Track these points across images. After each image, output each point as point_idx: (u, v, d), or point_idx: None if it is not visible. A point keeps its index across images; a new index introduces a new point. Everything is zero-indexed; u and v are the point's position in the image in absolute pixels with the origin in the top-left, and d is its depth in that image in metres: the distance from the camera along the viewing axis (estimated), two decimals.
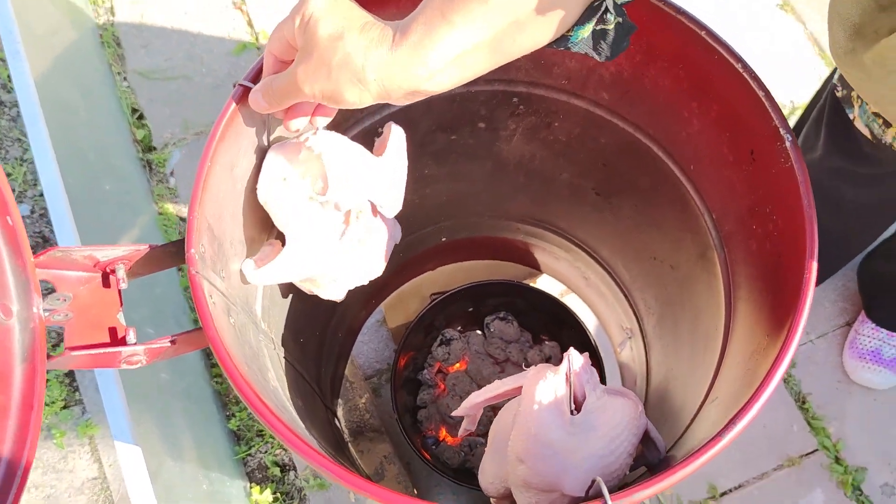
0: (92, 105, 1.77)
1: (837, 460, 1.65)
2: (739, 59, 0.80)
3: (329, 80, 0.64)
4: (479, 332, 1.64)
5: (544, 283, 1.66)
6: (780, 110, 0.78)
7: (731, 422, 0.64)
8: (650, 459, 0.84)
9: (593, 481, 0.72)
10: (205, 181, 0.72)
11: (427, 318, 1.57)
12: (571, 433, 0.75)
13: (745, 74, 0.80)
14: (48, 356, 0.67)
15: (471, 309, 1.64)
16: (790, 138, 0.77)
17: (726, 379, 0.84)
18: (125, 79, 1.99)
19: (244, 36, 2.05)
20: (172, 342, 0.72)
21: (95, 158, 1.62)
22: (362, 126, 1.00)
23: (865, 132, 1.10)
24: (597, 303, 1.54)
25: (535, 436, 0.75)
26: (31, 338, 0.66)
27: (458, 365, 1.62)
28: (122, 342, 0.72)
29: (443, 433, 1.58)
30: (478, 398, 0.88)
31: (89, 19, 2.04)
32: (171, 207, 1.87)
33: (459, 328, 1.65)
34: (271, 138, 0.83)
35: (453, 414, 0.93)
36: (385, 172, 0.84)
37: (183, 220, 1.87)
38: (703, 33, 0.82)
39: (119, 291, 0.75)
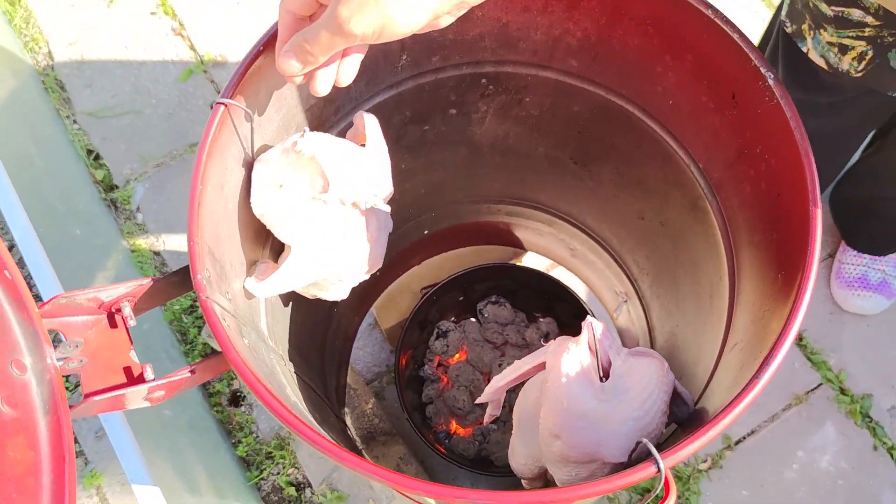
0: (47, 152, 1.74)
1: (842, 391, 1.67)
2: (709, 6, 0.80)
3: (378, 7, 0.60)
4: (473, 319, 1.64)
5: (530, 261, 1.66)
6: (757, 50, 0.78)
7: (766, 361, 0.65)
8: (679, 416, 0.84)
9: (637, 444, 0.72)
10: (199, 204, 0.71)
11: (420, 313, 1.56)
12: (604, 400, 0.75)
13: (717, 20, 0.80)
14: (70, 406, 0.65)
15: (461, 298, 1.63)
16: (772, 76, 0.77)
17: (742, 324, 0.84)
18: (75, 121, 1.95)
19: (189, 61, 2.02)
20: (192, 371, 0.70)
21: (60, 204, 1.58)
22: (339, 127, 0.99)
23: (821, 62, 1.11)
24: (586, 272, 1.55)
25: (568, 409, 0.75)
26: (50, 389, 0.64)
27: (457, 356, 1.61)
28: (140, 380, 0.70)
29: (453, 426, 1.57)
30: (500, 382, 0.88)
31: (28, 66, 1.99)
32: (142, 243, 1.83)
33: (453, 319, 1.65)
34: (255, 151, 0.82)
35: (477, 401, 0.93)
36: (374, 160, 0.83)
37: (157, 254, 1.84)
38: None
39: (127, 330, 0.73)
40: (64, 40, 2.03)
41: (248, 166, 0.82)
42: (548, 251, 1.59)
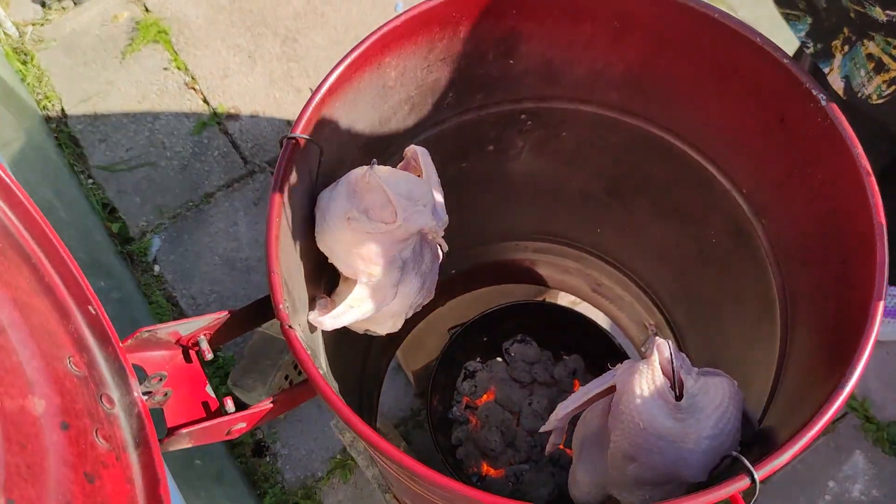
0: (66, 205, 1.74)
1: (868, 419, 1.68)
2: (757, 33, 0.83)
3: None
4: (499, 359, 1.64)
5: (553, 299, 1.67)
6: (807, 73, 0.80)
7: (850, 369, 0.65)
8: (744, 435, 0.84)
9: (721, 461, 0.72)
10: (277, 238, 0.71)
11: (448, 354, 1.56)
12: (680, 419, 0.75)
13: (766, 47, 0.82)
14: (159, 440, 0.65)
15: (486, 338, 1.63)
16: (824, 97, 0.79)
17: (804, 341, 0.85)
18: (89, 176, 1.95)
19: (202, 114, 2.04)
20: (274, 402, 0.70)
21: (85, 257, 1.58)
22: (388, 162, 1.00)
23: (839, 85, 1.12)
24: (611, 308, 1.55)
25: (645, 430, 0.75)
26: (139, 423, 0.63)
27: (485, 396, 1.61)
28: (220, 412, 0.70)
29: (485, 467, 1.56)
30: (566, 409, 0.88)
31: (42, 123, 2.00)
32: (160, 295, 1.83)
33: (479, 359, 1.64)
34: (318, 185, 0.83)
35: (542, 429, 0.92)
36: (431, 190, 0.85)
37: (175, 305, 1.83)
38: (715, 15, 0.84)
39: (202, 364, 0.73)
40: (77, 97, 2.05)
41: (313, 201, 0.83)
42: (572, 288, 1.60)
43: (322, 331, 0.99)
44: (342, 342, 1.11)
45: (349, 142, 0.90)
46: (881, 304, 0.67)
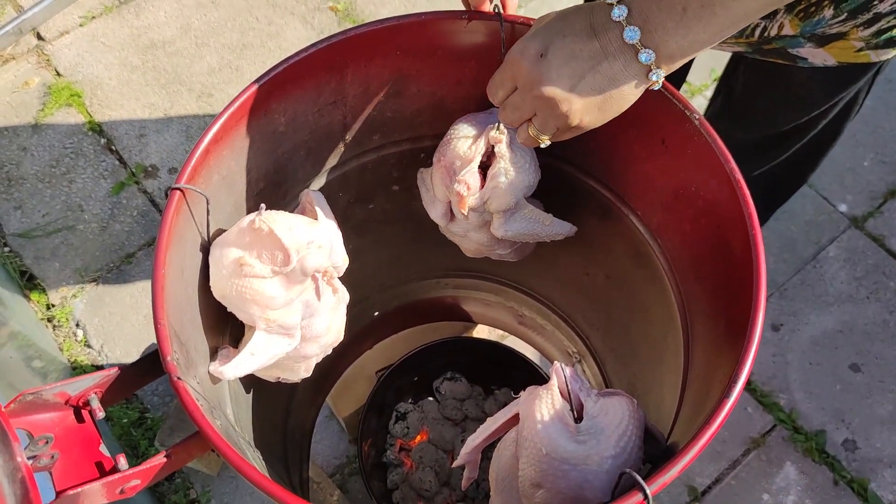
0: None
1: (796, 430, 1.71)
2: None
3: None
4: (430, 398, 1.63)
5: (480, 334, 1.67)
6: (681, 96, 0.83)
7: (733, 379, 0.67)
8: (652, 453, 0.86)
9: (619, 480, 0.73)
10: (163, 288, 0.71)
11: (377, 397, 1.55)
12: (581, 441, 0.76)
13: None
14: None
15: (416, 378, 1.63)
16: (697, 117, 0.82)
17: (701, 354, 0.87)
18: (5, 244, 1.91)
19: (120, 175, 2.02)
20: (168, 456, 0.69)
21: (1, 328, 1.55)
22: (287, 209, 1.00)
23: None
24: (536, 338, 1.57)
25: (548, 455, 0.76)
26: (23, 489, 0.62)
27: (419, 437, 1.60)
28: (114, 471, 0.68)
29: None
30: (476, 441, 0.88)
31: None
32: (84, 359, 1.79)
33: (411, 400, 1.64)
34: (211, 235, 0.83)
35: (454, 464, 0.92)
36: (326, 232, 0.85)
37: (100, 368, 1.79)
38: None
39: (95, 423, 0.72)
40: None
41: (206, 251, 0.82)
42: (497, 321, 1.61)
43: (233, 382, 0.98)
44: (260, 393, 1.10)
45: (244, 190, 0.90)
46: (760, 320, 0.69)
